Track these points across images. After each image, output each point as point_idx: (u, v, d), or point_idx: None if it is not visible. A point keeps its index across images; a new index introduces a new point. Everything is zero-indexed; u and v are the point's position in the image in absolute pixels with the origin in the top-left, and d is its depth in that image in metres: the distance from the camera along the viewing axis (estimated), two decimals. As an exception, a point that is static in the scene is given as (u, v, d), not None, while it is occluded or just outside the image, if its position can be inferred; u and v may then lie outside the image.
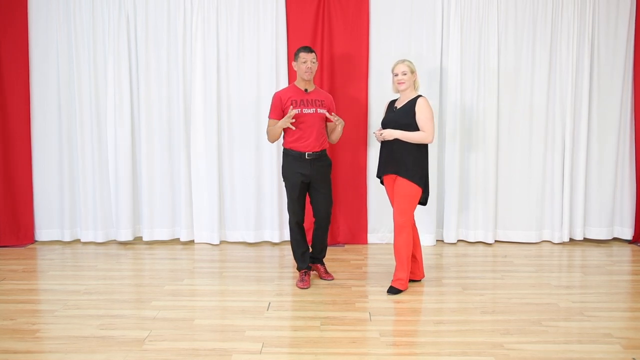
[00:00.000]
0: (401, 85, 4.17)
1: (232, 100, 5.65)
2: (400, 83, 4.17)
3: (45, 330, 3.52)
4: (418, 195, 4.17)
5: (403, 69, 4.16)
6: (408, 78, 4.16)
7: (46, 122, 5.69)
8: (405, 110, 4.16)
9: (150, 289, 4.36)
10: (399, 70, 4.17)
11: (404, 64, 4.18)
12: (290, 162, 4.41)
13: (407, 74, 4.15)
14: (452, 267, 4.96)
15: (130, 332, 3.50)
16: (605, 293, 4.24)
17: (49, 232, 5.83)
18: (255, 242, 5.75)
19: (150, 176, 5.70)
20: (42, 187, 5.76)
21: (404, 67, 4.17)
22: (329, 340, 3.37)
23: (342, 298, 4.13)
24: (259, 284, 4.48)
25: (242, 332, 3.49)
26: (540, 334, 3.46)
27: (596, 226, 5.81)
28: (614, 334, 3.45)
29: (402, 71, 4.16)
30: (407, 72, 4.16)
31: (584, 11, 5.56)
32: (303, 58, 4.36)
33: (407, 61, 4.21)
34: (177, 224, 5.85)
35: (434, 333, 3.48)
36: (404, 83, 4.16)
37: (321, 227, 4.51)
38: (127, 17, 5.56)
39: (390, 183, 4.28)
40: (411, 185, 4.12)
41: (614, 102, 5.66)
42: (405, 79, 4.15)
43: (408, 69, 4.17)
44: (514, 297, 4.15)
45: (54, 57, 5.64)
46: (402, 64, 4.18)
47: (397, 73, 4.18)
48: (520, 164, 5.71)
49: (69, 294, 4.22)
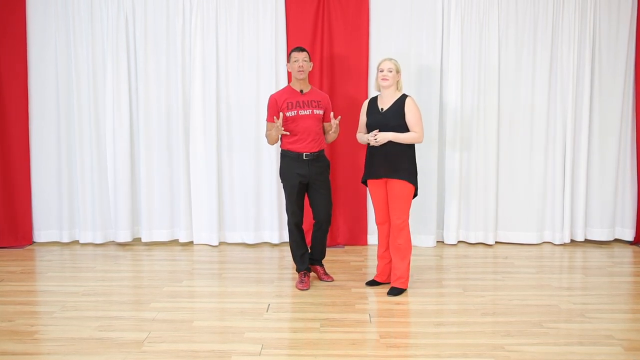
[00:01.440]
0: (384, 82, 4.18)
1: (231, 101, 5.66)
2: (384, 79, 4.18)
3: (43, 332, 3.53)
4: (412, 193, 4.21)
5: (389, 66, 4.18)
6: (392, 76, 4.18)
7: (44, 123, 5.70)
8: (393, 111, 4.17)
9: (149, 290, 4.36)
10: (385, 67, 4.19)
11: (391, 61, 4.21)
12: (288, 163, 4.41)
13: (393, 72, 4.18)
14: (452, 269, 4.96)
15: (129, 333, 3.51)
16: (607, 294, 4.24)
17: (48, 233, 5.83)
18: (254, 243, 5.75)
19: (149, 177, 5.70)
20: (41, 188, 5.76)
21: (390, 64, 4.19)
22: (328, 341, 3.38)
23: (341, 299, 4.13)
24: (258, 285, 4.49)
25: (242, 334, 3.49)
26: (541, 335, 3.46)
27: (597, 227, 5.80)
28: (616, 336, 3.45)
29: (388, 68, 4.18)
30: (393, 69, 4.18)
31: (585, 11, 5.56)
32: (294, 57, 4.38)
33: (394, 59, 4.24)
34: (176, 225, 5.85)
35: (434, 335, 3.48)
36: (387, 80, 4.17)
37: (321, 229, 4.51)
38: (125, 17, 5.56)
39: (380, 186, 4.27)
40: (407, 185, 4.15)
41: (615, 102, 5.66)
42: (389, 75, 4.17)
43: (394, 67, 4.19)
44: (514, 298, 4.15)
45: (52, 57, 5.64)
46: (389, 61, 4.20)
47: (382, 69, 4.19)
48: (520, 165, 5.71)
49: (68, 296, 4.22)
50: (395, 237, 4.21)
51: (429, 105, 5.54)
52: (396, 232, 4.20)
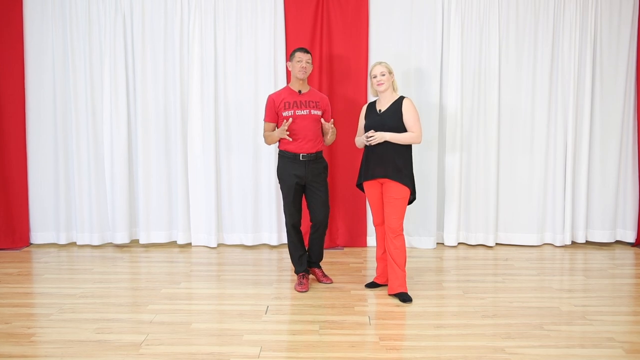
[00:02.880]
0: (381, 87, 4.21)
1: (229, 101, 5.66)
2: (379, 84, 4.20)
3: (40, 334, 3.53)
4: (408, 196, 4.20)
5: (381, 70, 4.20)
6: (387, 79, 4.20)
7: (41, 124, 5.70)
8: (391, 112, 4.18)
9: (146, 292, 4.36)
10: (378, 72, 4.21)
11: (382, 65, 4.23)
12: (285, 163, 4.42)
13: (386, 75, 4.20)
14: (452, 271, 4.97)
15: (127, 336, 3.51)
16: (608, 297, 4.25)
17: (45, 235, 5.84)
18: (253, 244, 5.76)
19: (146, 178, 5.70)
20: (38, 189, 5.76)
21: (382, 69, 4.21)
22: (327, 344, 3.38)
23: (341, 302, 4.13)
24: (256, 287, 4.49)
25: (240, 336, 3.49)
26: (542, 338, 3.47)
27: (599, 229, 5.81)
28: (617, 338, 3.46)
29: (381, 72, 4.20)
30: (386, 72, 4.20)
31: (586, 11, 5.57)
32: (298, 57, 4.39)
33: (384, 62, 4.26)
34: (174, 226, 5.85)
35: (434, 337, 3.49)
36: (383, 84, 4.19)
37: (318, 232, 4.51)
38: (123, 16, 5.57)
39: (375, 187, 4.27)
40: (403, 188, 4.14)
41: (616, 103, 5.67)
42: (384, 79, 4.19)
43: (386, 69, 4.21)
44: (515, 300, 4.15)
45: (49, 57, 5.65)
46: (380, 65, 4.23)
47: (375, 75, 4.22)
48: (521, 166, 5.72)
49: (65, 298, 4.22)
50: (391, 241, 4.17)
51: (429, 107, 5.55)
52: (391, 236, 4.16)
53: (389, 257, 4.19)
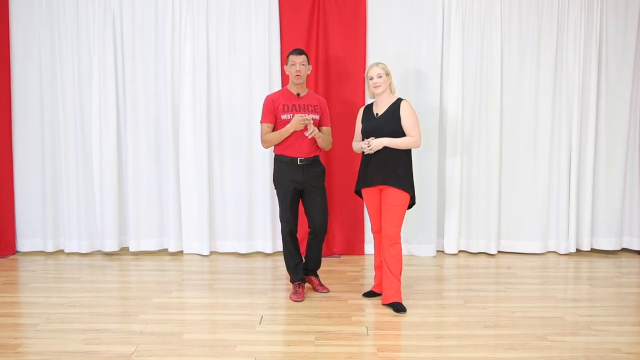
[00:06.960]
0: (377, 89, 4.21)
1: (222, 104, 5.67)
2: (376, 86, 4.21)
3: (27, 345, 3.52)
4: (407, 203, 4.20)
5: (378, 72, 4.20)
6: (383, 81, 4.20)
7: (28, 128, 5.71)
8: (388, 115, 4.19)
9: (137, 301, 4.36)
10: (374, 74, 4.21)
11: (378, 66, 4.23)
12: (281, 168, 4.43)
13: (383, 77, 4.20)
14: (453, 279, 4.98)
15: (116, 347, 3.50)
16: (614, 306, 4.26)
17: (31, 243, 5.84)
18: (246, 252, 5.76)
19: (137, 184, 5.71)
20: (24, 195, 5.76)
21: (378, 70, 4.21)
22: (324, 355, 3.38)
23: (337, 311, 4.14)
24: (250, 296, 4.49)
25: (233, 347, 3.49)
26: (545, 349, 3.47)
27: (604, 236, 5.83)
28: (623, 349, 3.47)
29: (377, 74, 4.20)
30: (382, 74, 4.20)
31: (592, 13, 5.60)
32: (292, 61, 4.42)
33: (381, 64, 4.26)
34: (165, 234, 5.85)
35: (434, 348, 3.49)
36: (379, 86, 4.19)
37: (316, 238, 4.52)
38: (112, 17, 5.58)
39: (374, 194, 4.28)
40: (402, 194, 4.14)
41: (622, 106, 5.70)
42: (380, 81, 4.19)
43: (383, 71, 4.21)
44: (517, 310, 4.16)
45: (36, 60, 5.65)
46: (377, 67, 4.23)
47: (372, 76, 4.22)
48: (524, 171, 5.74)
49: (52, 307, 4.21)
50: (387, 249, 4.16)
51: (429, 110, 5.57)
52: (388, 243, 4.15)
53: (384, 265, 4.19)
